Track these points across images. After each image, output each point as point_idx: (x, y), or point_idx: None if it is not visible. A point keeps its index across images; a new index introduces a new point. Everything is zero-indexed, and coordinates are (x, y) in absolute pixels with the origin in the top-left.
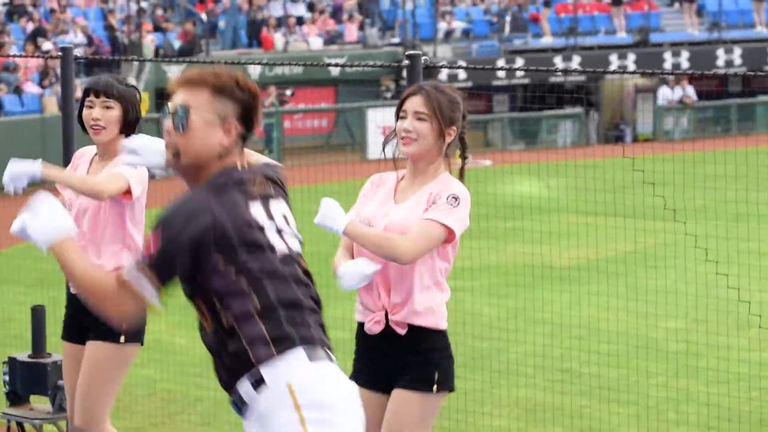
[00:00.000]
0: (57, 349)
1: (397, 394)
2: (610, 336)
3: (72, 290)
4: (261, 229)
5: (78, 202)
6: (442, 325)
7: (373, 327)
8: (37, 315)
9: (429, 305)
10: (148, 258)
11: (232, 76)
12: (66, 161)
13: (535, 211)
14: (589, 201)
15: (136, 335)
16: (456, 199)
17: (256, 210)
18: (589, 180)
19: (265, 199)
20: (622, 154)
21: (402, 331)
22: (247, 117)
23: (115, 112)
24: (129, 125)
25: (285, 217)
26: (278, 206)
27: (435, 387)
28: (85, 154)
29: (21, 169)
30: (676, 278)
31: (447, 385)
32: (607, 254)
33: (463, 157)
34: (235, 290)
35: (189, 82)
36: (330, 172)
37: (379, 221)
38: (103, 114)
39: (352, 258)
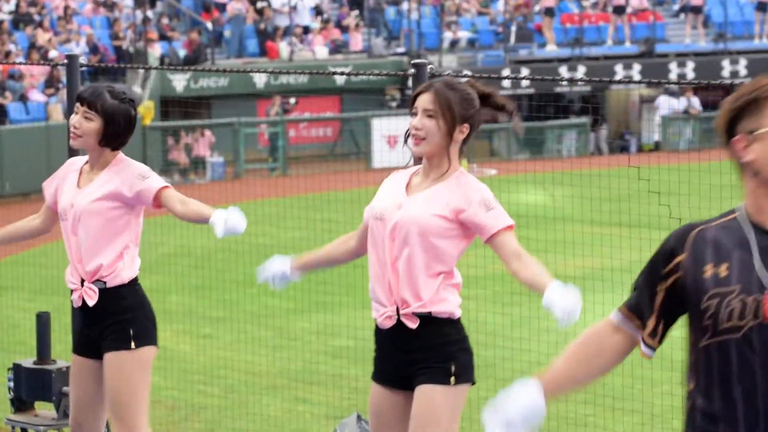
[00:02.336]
0: (62, 355)
1: (420, 389)
2: None
3: (75, 304)
4: None
5: (73, 211)
6: (456, 313)
7: (385, 322)
8: (42, 321)
9: (441, 293)
10: None
11: None
12: None
13: (540, 220)
14: (595, 210)
15: (146, 338)
16: (485, 203)
17: None
18: (594, 189)
19: None
20: (627, 164)
21: (413, 326)
22: None
23: (94, 124)
24: (109, 139)
25: None
26: None
27: (453, 379)
28: (75, 163)
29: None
30: None
31: (466, 377)
32: (613, 264)
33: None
34: None
35: None
36: (335, 181)
37: (392, 214)
38: (81, 123)
39: (362, 241)
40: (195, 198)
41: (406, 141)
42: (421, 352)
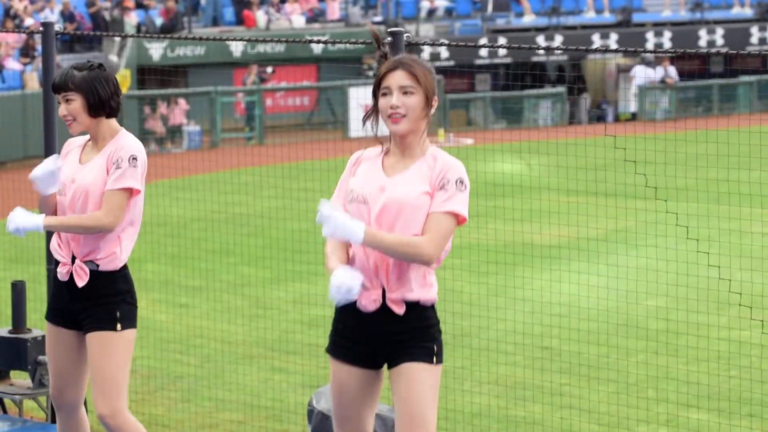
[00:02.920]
0: (37, 324)
1: (406, 368)
2: (591, 314)
3: (60, 277)
4: None
5: (73, 187)
6: (435, 298)
7: (369, 305)
8: (18, 290)
9: (427, 278)
10: None
11: None
12: (47, 136)
13: (516, 189)
14: (571, 179)
15: (130, 321)
16: (462, 183)
17: None
18: (570, 158)
19: None
20: (604, 133)
21: (400, 311)
22: None
23: (77, 102)
24: (96, 108)
25: None
26: None
27: (435, 359)
28: (75, 141)
29: (24, 225)
30: (657, 257)
31: (441, 357)
32: (588, 233)
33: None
34: None
35: None
36: (312, 150)
37: (376, 197)
38: (67, 108)
39: (347, 251)
40: (172, 167)
41: (364, 123)
42: (405, 335)
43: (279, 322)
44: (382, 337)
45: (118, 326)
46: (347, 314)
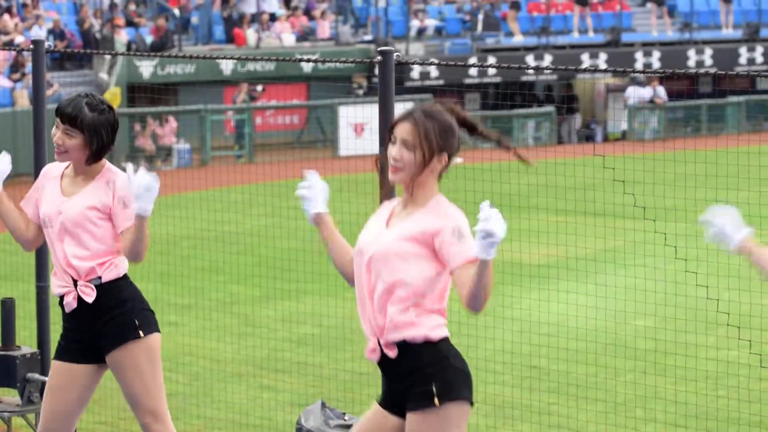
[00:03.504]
0: (26, 342)
1: (408, 419)
2: (579, 334)
3: (68, 307)
4: None
5: (60, 218)
6: (432, 335)
7: (371, 356)
8: (7, 308)
9: (414, 318)
10: None
11: None
12: (37, 154)
13: (505, 209)
14: (560, 199)
15: (150, 325)
16: (459, 232)
17: None
18: (559, 178)
19: None
20: (593, 153)
21: (392, 354)
22: None
23: (77, 141)
24: (96, 154)
25: None
26: None
27: (436, 400)
28: (52, 170)
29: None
30: (645, 276)
31: (452, 395)
32: (577, 252)
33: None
34: None
35: None
36: (301, 168)
37: (369, 246)
38: (64, 140)
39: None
40: (162, 185)
41: (378, 167)
42: (405, 379)
43: (268, 340)
44: (392, 385)
45: (140, 333)
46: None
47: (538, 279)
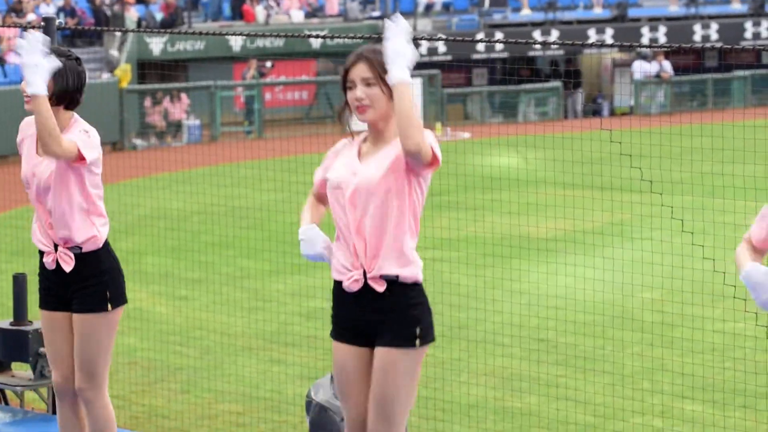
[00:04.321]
0: (38, 317)
1: (381, 352)
2: (587, 306)
3: (48, 266)
4: None
5: (35, 181)
6: (420, 276)
7: (352, 285)
8: (19, 283)
9: (406, 256)
10: None
11: None
12: None
13: (513, 183)
14: (567, 173)
15: (120, 298)
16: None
17: None
18: (566, 152)
19: None
20: (599, 127)
21: (381, 289)
22: None
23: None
24: (59, 97)
25: None
26: None
27: (417, 341)
28: (29, 128)
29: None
30: (652, 249)
31: (429, 338)
32: (584, 226)
33: None
34: None
35: None
36: (310, 144)
37: (349, 181)
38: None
39: (319, 213)
40: (172, 160)
41: (339, 118)
42: (387, 314)
43: (278, 314)
44: (367, 317)
45: (109, 306)
46: (338, 297)
47: (546, 252)
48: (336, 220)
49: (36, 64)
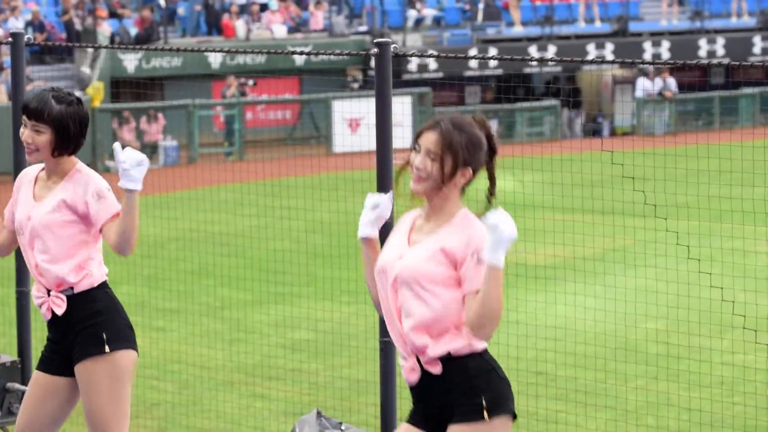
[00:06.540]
0: (6, 350)
1: (451, 429)
2: (587, 337)
3: (45, 317)
4: None
5: (30, 224)
6: (477, 346)
7: (411, 376)
8: None
9: (448, 331)
10: None
11: None
12: (17, 153)
13: (508, 207)
14: (566, 197)
15: (121, 341)
16: (478, 256)
17: None
18: (565, 174)
19: None
20: (600, 148)
21: (436, 370)
22: None
23: (46, 136)
24: (63, 147)
25: None
26: None
27: (485, 414)
28: (28, 173)
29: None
30: (656, 277)
31: (500, 409)
32: (584, 252)
33: (490, 193)
34: None
35: None
36: (294, 166)
37: (393, 265)
38: (33, 138)
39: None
40: (148, 184)
41: (396, 177)
42: (450, 395)
43: (260, 346)
44: (434, 401)
45: (106, 348)
46: (411, 388)
47: (544, 280)
48: (382, 305)
49: (139, 162)
